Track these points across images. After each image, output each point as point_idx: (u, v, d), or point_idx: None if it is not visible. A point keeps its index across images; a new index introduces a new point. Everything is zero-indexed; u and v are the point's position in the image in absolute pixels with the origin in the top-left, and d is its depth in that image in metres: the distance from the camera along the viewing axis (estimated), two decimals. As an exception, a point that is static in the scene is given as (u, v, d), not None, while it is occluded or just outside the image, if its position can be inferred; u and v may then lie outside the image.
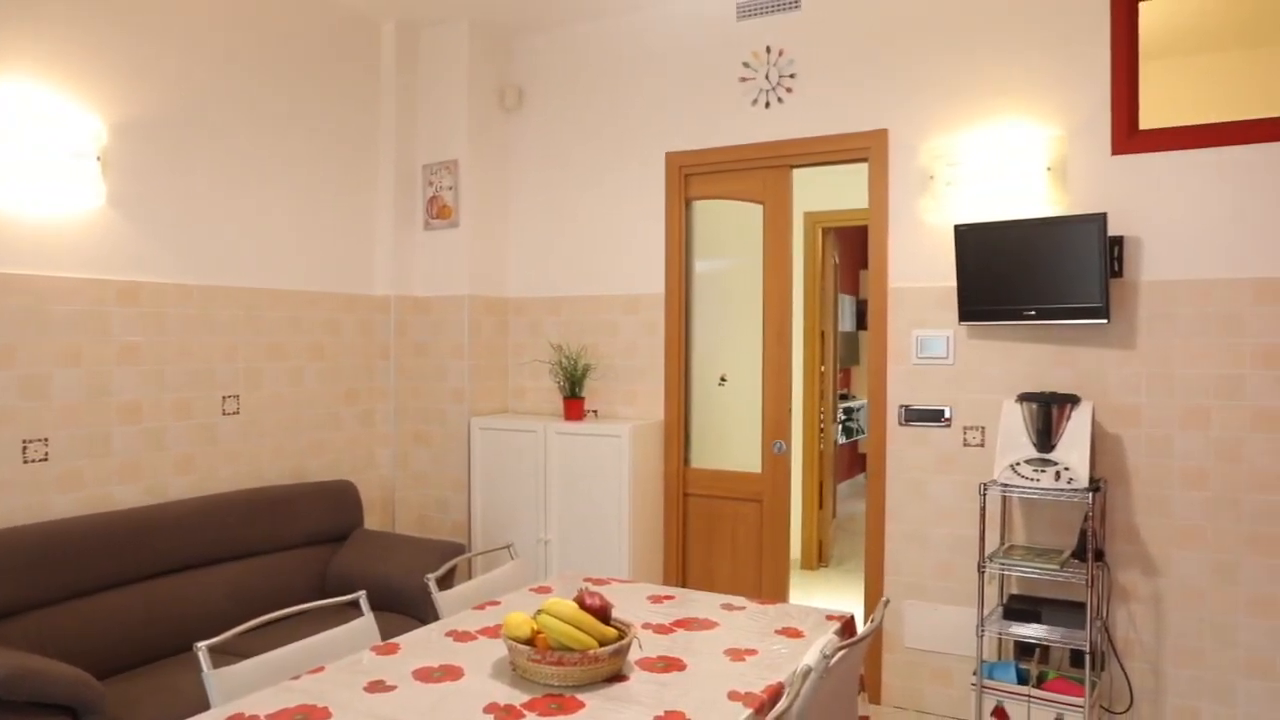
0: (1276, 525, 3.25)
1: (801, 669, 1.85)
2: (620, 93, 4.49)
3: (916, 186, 3.79)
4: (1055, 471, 3.22)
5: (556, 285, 4.67)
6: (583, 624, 1.98)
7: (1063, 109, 3.55)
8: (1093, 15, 3.50)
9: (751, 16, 4.15)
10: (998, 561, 3.36)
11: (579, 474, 4.19)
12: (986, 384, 3.66)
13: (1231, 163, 3.31)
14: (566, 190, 4.64)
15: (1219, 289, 3.32)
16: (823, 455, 6.15)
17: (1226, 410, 3.32)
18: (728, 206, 4.32)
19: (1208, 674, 3.36)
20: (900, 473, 3.83)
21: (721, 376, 4.36)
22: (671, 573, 4.36)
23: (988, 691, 3.33)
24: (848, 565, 6.18)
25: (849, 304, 8.24)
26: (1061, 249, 3.37)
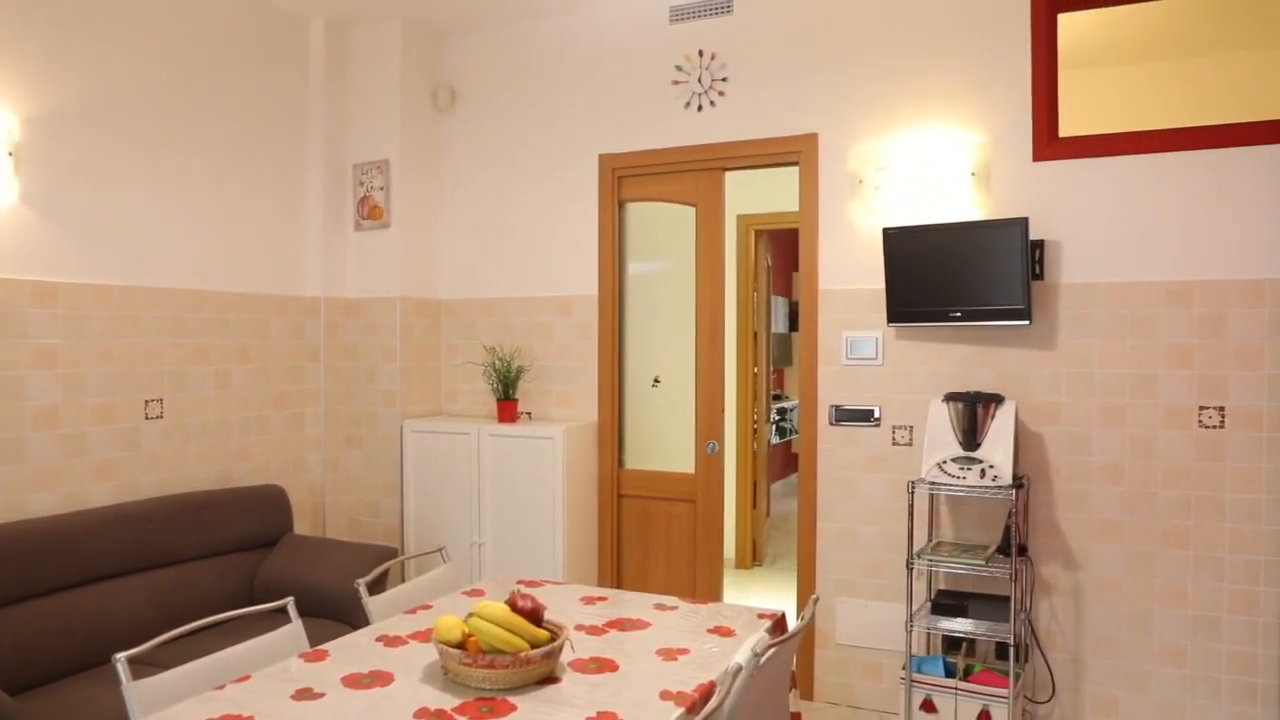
0: (1188, 519, 3.39)
1: (732, 667, 1.87)
2: (554, 94, 4.48)
3: (846, 190, 3.85)
4: (980, 469, 3.31)
5: (490, 287, 4.64)
6: (514, 626, 1.97)
7: (986, 116, 3.65)
8: (1014, 25, 3.60)
9: (684, 20, 4.18)
10: (926, 558, 3.44)
11: (513, 476, 4.16)
12: (914, 384, 3.74)
13: (1144, 170, 3.44)
14: (500, 191, 4.62)
15: (1133, 291, 3.44)
16: (756, 455, 6.22)
17: (1140, 408, 3.44)
18: (661, 208, 4.34)
19: (1124, 663, 3.48)
20: (831, 472, 3.89)
21: (655, 378, 4.38)
22: (606, 574, 4.36)
23: (916, 685, 3.40)
24: (781, 564, 6.25)
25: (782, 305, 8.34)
26: (985, 252, 3.46)
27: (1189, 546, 3.39)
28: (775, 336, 7.27)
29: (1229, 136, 3.34)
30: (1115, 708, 3.49)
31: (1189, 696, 3.40)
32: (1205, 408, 3.36)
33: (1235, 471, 3.33)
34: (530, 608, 2.06)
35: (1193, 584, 3.39)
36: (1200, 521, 3.37)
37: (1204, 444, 3.36)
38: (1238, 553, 3.33)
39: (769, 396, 6.60)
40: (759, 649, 1.92)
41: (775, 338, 7.28)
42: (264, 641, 2.26)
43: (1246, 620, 3.32)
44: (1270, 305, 3.28)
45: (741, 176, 4.47)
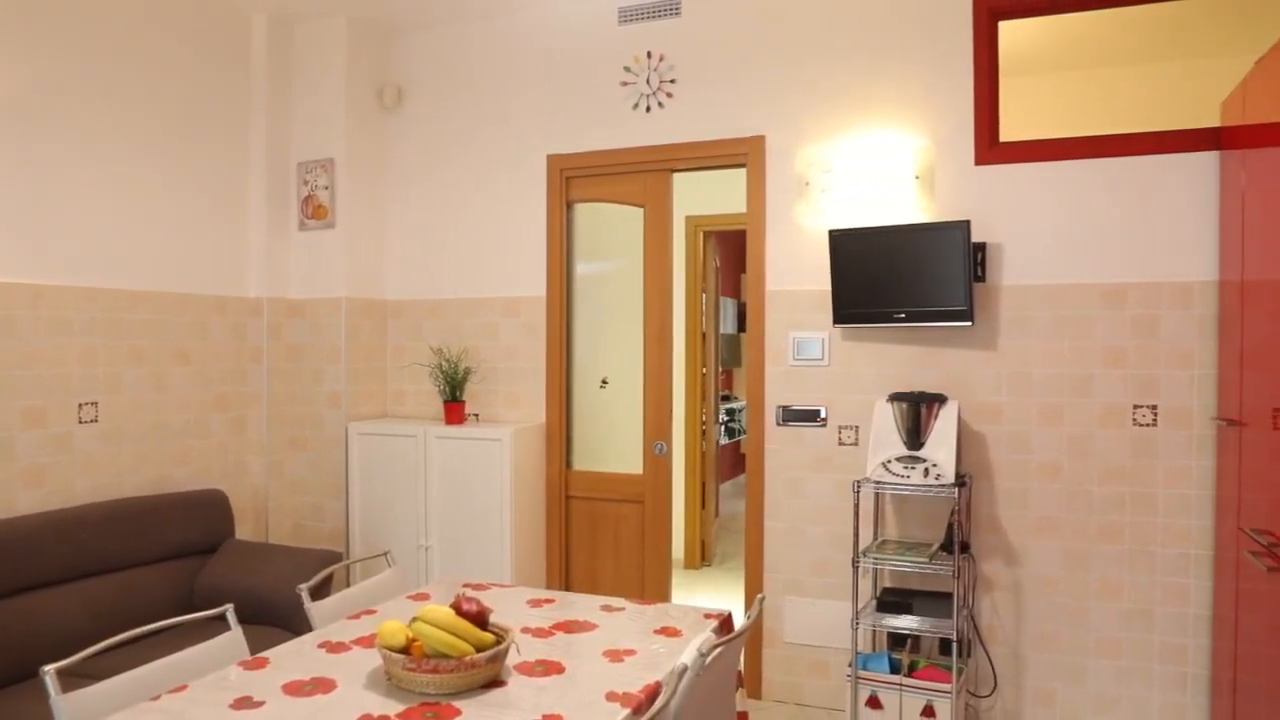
0: (1122, 514, 3.47)
1: (678, 667, 1.87)
2: (502, 94, 4.46)
3: (793, 192, 3.89)
4: (924, 468, 3.35)
5: (437, 287, 4.59)
6: (459, 630, 1.95)
7: (930, 120, 3.70)
8: (956, 32, 3.66)
9: (633, 21, 4.18)
10: (871, 556, 3.48)
11: (460, 478, 4.13)
12: (860, 384, 3.79)
13: (1080, 175, 3.52)
14: (447, 191, 4.58)
15: (1070, 294, 3.53)
16: (705, 456, 6.24)
17: (1078, 408, 3.52)
18: (609, 209, 4.34)
19: (1062, 656, 3.56)
20: (779, 472, 3.92)
21: (603, 379, 4.38)
22: (554, 576, 4.35)
23: (862, 682, 3.44)
24: (730, 564, 6.28)
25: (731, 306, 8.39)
26: (929, 254, 3.52)
27: (1124, 542, 3.48)
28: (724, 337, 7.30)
29: (1159, 143, 3.43)
30: (1054, 700, 3.57)
31: (1124, 687, 3.49)
32: (1139, 407, 3.45)
33: (1167, 468, 3.42)
34: (475, 611, 2.05)
35: (1127, 578, 3.48)
36: (1134, 517, 3.46)
37: (1138, 442, 3.46)
38: (1169, 547, 3.42)
39: (717, 397, 6.63)
40: (705, 649, 1.92)
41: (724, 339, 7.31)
42: (202, 650, 2.20)
43: (1178, 612, 3.42)
44: (1199, 307, 3.38)
45: (690, 178, 4.48)
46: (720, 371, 7.02)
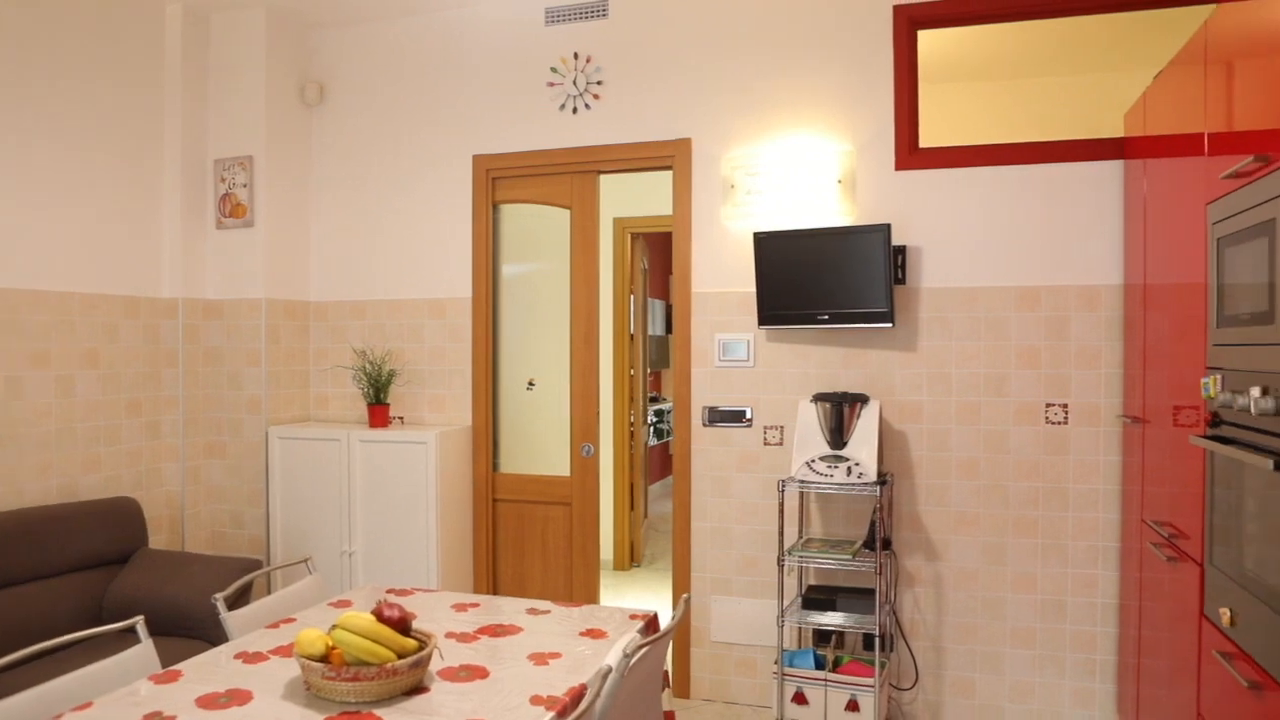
0: (1036, 509, 3.59)
1: (603, 669, 1.87)
2: (428, 93, 4.40)
3: (719, 195, 3.92)
4: (847, 467, 3.42)
5: (361, 289, 4.51)
6: (380, 637, 1.92)
7: (852, 125, 3.77)
8: (877, 40, 3.74)
9: (560, 22, 4.17)
10: (796, 554, 3.53)
11: (385, 483, 4.06)
12: (785, 385, 3.84)
13: (996, 181, 3.62)
14: (371, 191, 4.50)
15: (986, 296, 3.63)
16: (633, 457, 6.25)
17: (994, 406, 3.63)
18: (536, 211, 4.32)
19: (981, 647, 3.66)
20: (705, 472, 3.95)
21: (530, 381, 4.35)
22: (482, 580, 4.31)
23: (788, 679, 3.49)
24: (659, 564, 6.31)
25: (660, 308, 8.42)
26: (851, 257, 3.58)
27: (1038, 535, 3.59)
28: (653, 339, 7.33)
29: (1068, 152, 3.55)
30: (973, 690, 3.67)
31: (1038, 675, 3.60)
32: (1051, 405, 3.57)
33: (1077, 463, 3.55)
34: (397, 617, 2.01)
35: (1041, 570, 3.59)
36: (1047, 511, 3.58)
37: (1050, 439, 3.57)
38: (1080, 539, 3.55)
39: (646, 398, 6.65)
40: (629, 650, 1.92)
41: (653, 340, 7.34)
42: (109, 665, 2.13)
43: (1088, 602, 3.54)
44: (1106, 309, 3.51)
45: (618, 180, 4.49)
46: (649, 373, 7.04)
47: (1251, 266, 2.11)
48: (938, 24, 3.75)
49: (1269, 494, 2.00)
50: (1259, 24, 2.16)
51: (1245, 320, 2.15)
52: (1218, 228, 2.36)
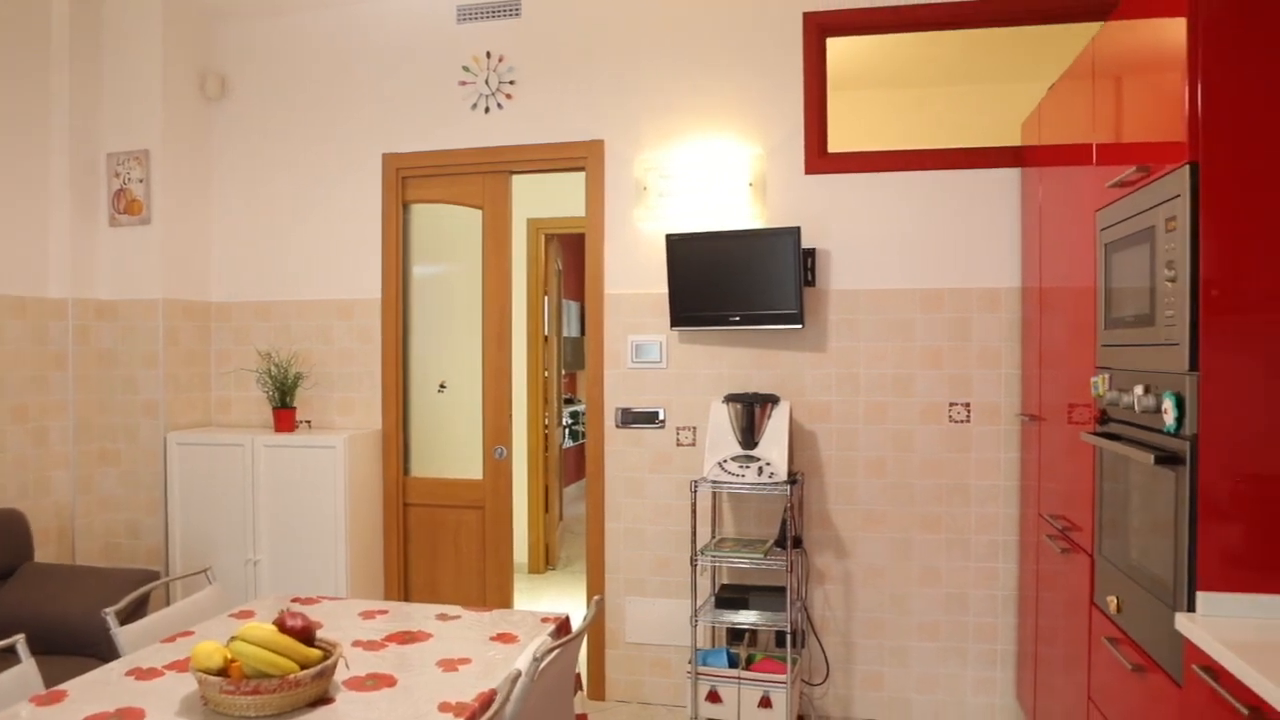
0: (941, 505, 3.69)
1: (512, 673, 1.86)
2: (336, 89, 4.30)
3: (631, 197, 3.93)
4: (758, 467, 3.46)
5: (265, 289, 4.38)
6: (282, 648, 1.87)
7: (763, 129, 3.82)
8: (788, 45, 3.80)
9: (472, 20, 4.12)
10: (709, 554, 3.56)
11: (291, 488, 3.95)
12: (697, 386, 3.87)
13: (904, 185, 3.72)
14: (277, 188, 4.37)
15: (893, 298, 3.72)
16: (548, 459, 6.22)
17: (900, 405, 3.72)
18: (447, 211, 4.26)
19: (888, 641, 3.75)
20: (619, 473, 3.96)
21: (441, 383, 4.29)
22: (393, 586, 4.23)
23: (702, 678, 3.52)
24: (575, 566, 6.29)
25: (575, 309, 8.40)
26: (762, 259, 3.63)
27: (942, 531, 3.70)
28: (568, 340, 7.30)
29: (970, 159, 3.67)
30: (882, 683, 3.76)
31: (943, 667, 3.71)
32: (954, 404, 3.68)
33: (979, 461, 3.66)
34: (301, 626, 1.96)
35: (945, 564, 3.70)
36: (951, 508, 3.69)
37: (953, 437, 3.68)
38: (982, 534, 3.66)
39: (560, 400, 6.63)
40: (539, 653, 1.91)
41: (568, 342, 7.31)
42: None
43: (989, 594, 3.66)
44: (1006, 311, 3.63)
45: (533, 181, 4.46)
46: (563, 374, 7.02)
47: (1135, 271, 2.21)
48: (846, 31, 3.83)
49: (1151, 487, 2.10)
50: (1139, 42, 2.27)
51: (1130, 322, 2.26)
52: (1105, 234, 2.47)
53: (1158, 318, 2.07)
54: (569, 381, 7.84)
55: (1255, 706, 1.57)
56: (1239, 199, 1.89)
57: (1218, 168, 1.90)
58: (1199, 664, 1.78)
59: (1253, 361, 1.88)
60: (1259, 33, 1.89)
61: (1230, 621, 1.83)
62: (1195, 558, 1.89)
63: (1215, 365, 1.89)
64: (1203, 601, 1.88)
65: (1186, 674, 1.85)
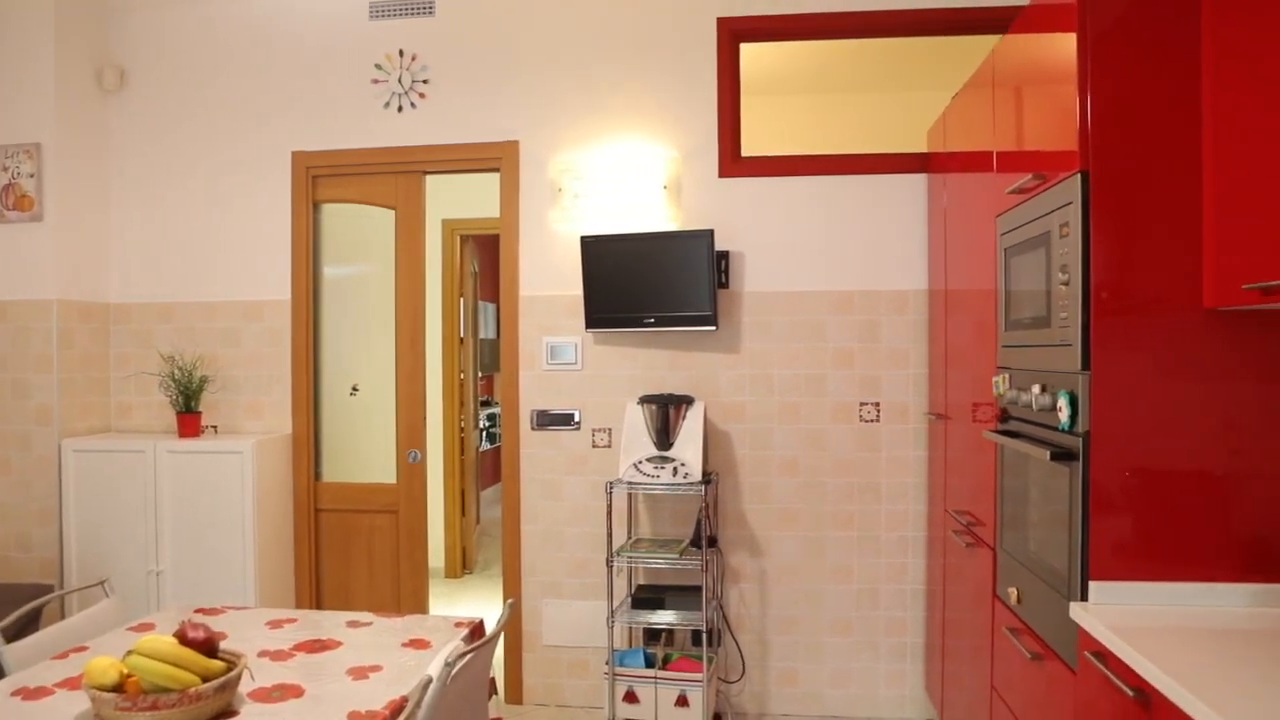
0: (852, 503, 3.77)
1: (423, 679, 1.83)
2: (243, 84, 4.17)
3: (546, 198, 3.92)
4: (673, 468, 3.48)
5: (168, 289, 4.22)
6: (182, 660, 1.80)
7: (678, 132, 3.85)
8: (702, 50, 3.83)
9: (384, 17, 4.05)
10: (625, 555, 3.57)
11: (196, 495, 3.82)
12: (612, 387, 3.88)
13: (816, 190, 3.79)
14: (181, 185, 4.22)
15: (805, 300, 3.79)
16: (464, 462, 6.16)
17: (812, 405, 3.79)
18: (360, 211, 4.18)
19: (802, 637, 3.81)
20: (535, 475, 3.94)
21: (354, 386, 4.21)
22: (304, 594, 4.12)
23: (619, 678, 3.52)
24: (493, 570, 6.23)
25: (492, 311, 8.32)
26: (676, 261, 3.66)
27: (853, 528, 3.78)
28: (485, 342, 7.23)
29: (879, 165, 3.77)
30: (797, 679, 3.82)
31: (855, 661, 3.79)
32: (865, 404, 3.77)
33: (889, 459, 3.76)
34: (203, 638, 1.90)
35: (857, 561, 3.78)
36: (862, 505, 3.77)
37: (864, 436, 3.77)
38: (892, 530, 3.76)
39: (477, 402, 6.56)
40: (451, 658, 1.89)
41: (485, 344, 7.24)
42: None
43: (898, 589, 3.76)
44: (913, 313, 3.73)
45: (448, 181, 4.41)
46: (480, 377, 6.96)
47: (1032, 275, 2.30)
48: (759, 38, 3.89)
49: (1047, 482, 2.19)
50: (1034, 55, 2.36)
51: (1028, 324, 2.34)
52: (1005, 238, 2.56)
53: (1053, 320, 2.15)
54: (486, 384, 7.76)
55: (1139, 688, 1.64)
56: (1127, 206, 1.98)
57: (1107, 176, 1.98)
58: (1091, 650, 1.86)
59: (1140, 361, 1.98)
60: (1145, 48, 1.99)
61: (1119, 609, 1.91)
62: (1088, 549, 1.98)
63: (1105, 365, 1.98)
64: (1095, 590, 1.96)
65: (1080, 661, 1.93)
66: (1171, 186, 1.97)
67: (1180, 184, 1.97)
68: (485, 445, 7.10)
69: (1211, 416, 1.96)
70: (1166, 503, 1.96)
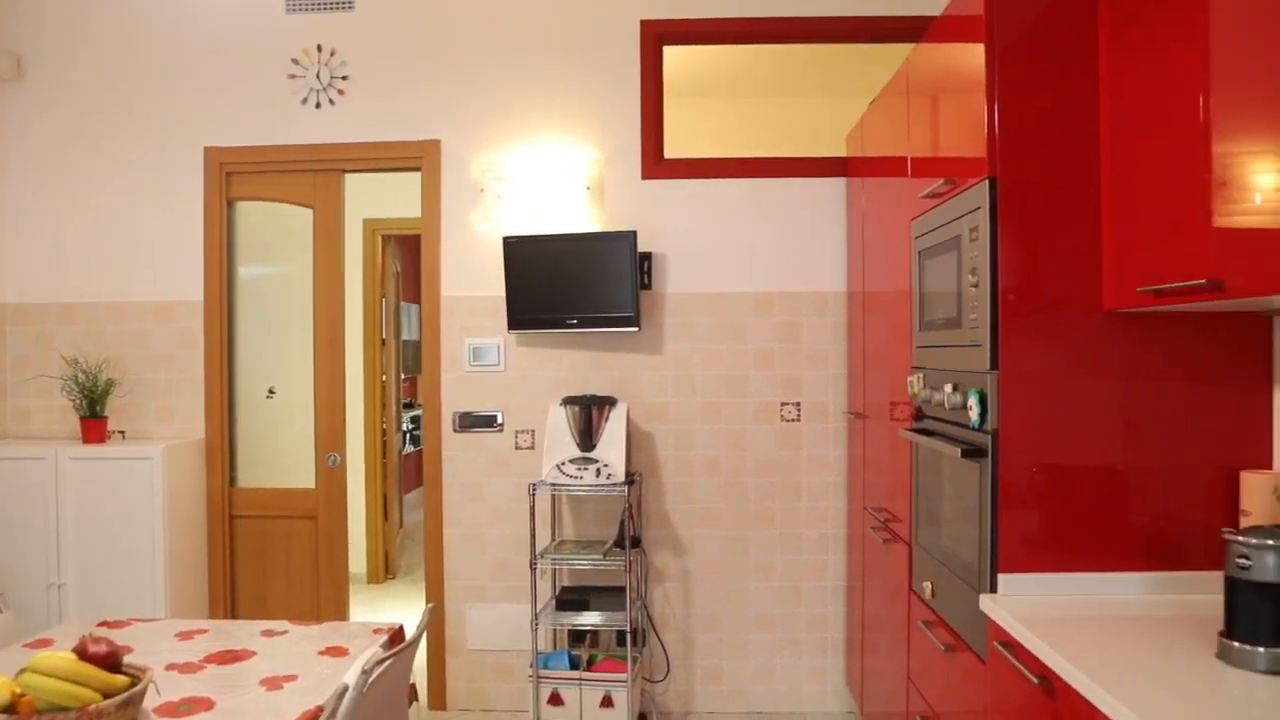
0: (774, 502, 3.82)
1: (339, 688, 1.80)
2: (151, 75, 4.02)
3: (469, 198, 3.88)
4: (596, 469, 3.48)
5: (71, 289, 4.05)
6: (82, 677, 1.73)
7: (602, 133, 3.85)
8: (626, 51, 3.84)
9: (302, 11, 3.96)
10: (549, 557, 3.56)
11: (102, 504, 3.68)
12: (536, 389, 3.85)
13: (738, 192, 3.83)
14: (85, 180, 4.04)
15: (727, 301, 3.82)
16: (386, 465, 6.06)
17: (734, 406, 3.83)
18: (276, 209, 4.07)
19: (726, 635, 3.85)
20: (457, 477, 3.90)
21: (270, 389, 4.10)
22: (218, 604, 4.00)
23: (543, 681, 3.51)
24: (416, 575, 6.13)
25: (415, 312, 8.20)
26: (599, 262, 3.66)
27: (775, 526, 3.83)
28: (408, 344, 7.12)
29: (800, 168, 3.83)
30: (721, 676, 3.85)
31: (778, 658, 3.84)
32: (786, 403, 3.82)
33: (810, 458, 3.82)
34: (105, 652, 1.83)
35: (779, 559, 3.83)
36: (784, 504, 3.82)
37: (785, 435, 3.82)
38: (813, 528, 3.82)
39: (399, 405, 6.46)
40: (369, 665, 1.86)
41: (408, 345, 7.13)
42: None
43: (819, 585, 3.82)
44: (833, 314, 3.80)
45: (369, 180, 4.33)
46: (404, 379, 6.86)
47: (944, 277, 2.36)
48: (682, 40, 3.91)
49: (960, 479, 2.25)
50: (945, 64, 2.43)
51: (940, 325, 2.41)
52: (919, 242, 2.62)
53: (964, 320, 2.21)
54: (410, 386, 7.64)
55: (1043, 675, 1.70)
56: (1032, 211, 2.05)
57: (1013, 182, 2.05)
58: (999, 640, 1.92)
59: (1045, 361, 2.05)
60: (1049, 60, 2.06)
61: (1027, 600, 1.98)
62: (997, 542, 2.04)
63: (1012, 364, 2.04)
64: (1003, 583, 2.02)
65: (990, 651, 1.99)
66: (1074, 193, 2.04)
67: (1081, 190, 2.04)
68: (409, 448, 6.99)
69: (1111, 414, 2.04)
70: (1070, 497, 2.04)
